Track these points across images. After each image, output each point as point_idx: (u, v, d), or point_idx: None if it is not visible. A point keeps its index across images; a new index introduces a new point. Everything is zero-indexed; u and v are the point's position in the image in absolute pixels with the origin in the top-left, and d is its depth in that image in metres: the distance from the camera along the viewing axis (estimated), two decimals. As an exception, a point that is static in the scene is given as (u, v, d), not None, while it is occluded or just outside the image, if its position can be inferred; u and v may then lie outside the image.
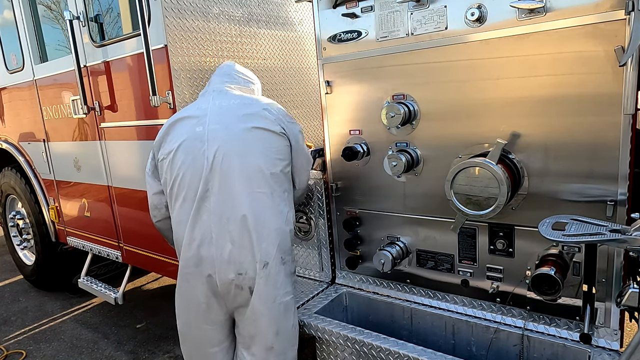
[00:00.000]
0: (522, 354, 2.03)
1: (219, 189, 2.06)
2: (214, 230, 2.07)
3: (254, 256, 2.06)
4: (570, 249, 1.87)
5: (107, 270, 4.48)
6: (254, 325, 2.14)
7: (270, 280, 2.09)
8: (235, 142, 2.09)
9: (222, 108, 2.18)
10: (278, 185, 2.14)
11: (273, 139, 2.14)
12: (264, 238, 2.06)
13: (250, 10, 3.15)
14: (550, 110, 1.82)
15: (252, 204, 2.06)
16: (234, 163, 2.06)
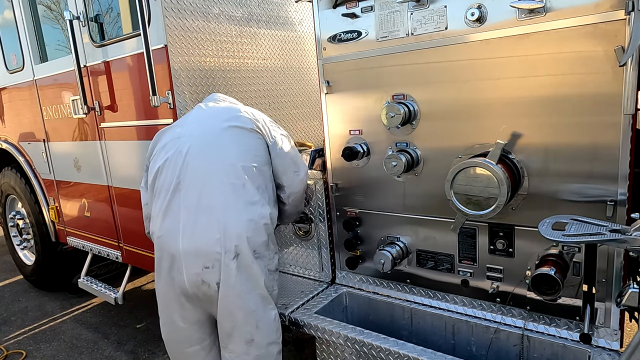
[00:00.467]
0: (522, 354, 2.03)
1: (190, 182, 2.12)
2: (182, 221, 2.09)
3: (223, 247, 2.04)
4: (570, 249, 1.87)
5: (107, 270, 4.49)
6: (230, 318, 2.12)
7: (242, 271, 2.07)
8: (208, 138, 2.21)
9: (202, 112, 2.36)
10: (251, 178, 2.14)
11: (246, 135, 2.23)
12: (233, 229, 2.05)
13: (250, 10, 3.15)
14: (550, 110, 1.82)
15: (222, 195, 2.09)
16: (207, 156, 2.15)
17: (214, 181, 2.11)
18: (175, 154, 2.20)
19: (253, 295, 2.12)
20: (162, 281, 2.22)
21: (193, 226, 2.08)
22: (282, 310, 2.47)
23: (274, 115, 3.38)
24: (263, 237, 2.14)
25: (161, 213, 2.17)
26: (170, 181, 2.16)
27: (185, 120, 2.38)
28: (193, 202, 2.10)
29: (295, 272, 2.95)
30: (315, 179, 2.64)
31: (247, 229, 2.08)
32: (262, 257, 2.15)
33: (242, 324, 2.12)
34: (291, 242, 2.92)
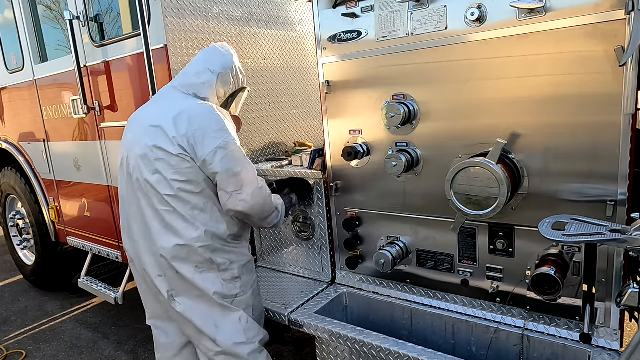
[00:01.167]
0: (522, 354, 2.03)
1: (130, 198, 2.18)
2: (136, 234, 2.20)
3: (165, 264, 2.13)
4: (570, 249, 1.87)
5: (107, 270, 4.48)
6: (192, 325, 2.20)
7: (187, 284, 2.14)
8: (138, 158, 2.11)
9: (142, 118, 2.23)
10: (180, 205, 2.07)
11: (171, 160, 2.04)
12: (166, 252, 2.11)
13: (250, 10, 3.15)
14: (550, 110, 1.82)
15: (153, 218, 2.11)
16: (138, 177, 2.12)
17: (145, 204, 2.11)
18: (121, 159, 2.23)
19: (204, 303, 2.16)
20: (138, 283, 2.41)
21: (144, 239, 2.18)
22: (282, 311, 2.47)
23: (274, 115, 3.39)
24: (202, 257, 2.12)
25: (123, 223, 2.29)
26: (122, 193, 2.25)
27: (134, 117, 2.28)
28: (139, 219, 2.17)
29: (295, 272, 2.95)
30: (315, 179, 2.64)
31: (180, 252, 2.09)
32: (207, 270, 2.14)
33: (202, 327, 2.17)
34: (291, 242, 2.92)
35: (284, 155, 3.37)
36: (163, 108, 2.15)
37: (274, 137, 3.42)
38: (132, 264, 2.34)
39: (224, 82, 2.26)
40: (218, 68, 2.23)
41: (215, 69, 2.22)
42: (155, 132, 2.07)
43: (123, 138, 2.27)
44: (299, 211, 2.80)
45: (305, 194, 2.69)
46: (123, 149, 2.23)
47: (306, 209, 2.76)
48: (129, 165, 2.15)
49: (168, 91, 2.26)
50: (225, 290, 2.18)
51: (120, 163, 2.24)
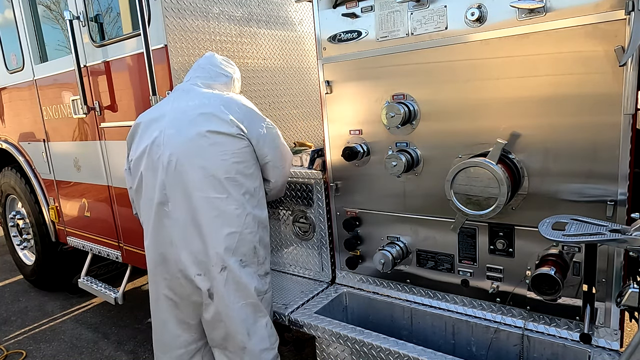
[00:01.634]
0: (522, 354, 2.03)
1: (174, 195, 2.13)
2: (173, 234, 2.15)
3: (210, 260, 2.11)
4: (570, 249, 1.87)
5: (107, 270, 4.49)
6: (223, 328, 2.19)
7: (230, 283, 2.13)
8: (188, 147, 2.11)
9: (179, 111, 2.20)
10: (235, 189, 2.13)
11: (228, 141, 2.12)
12: (218, 243, 2.11)
13: (250, 10, 3.15)
14: (550, 110, 1.82)
15: (205, 209, 2.10)
16: (188, 168, 2.10)
17: (197, 196, 2.10)
18: (156, 162, 2.15)
19: (243, 305, 2.17)
20: (155, 285, 2.29)
21: (184, 239, 2.14)
22: (282, 311, 2.47)
23: (274, 115, 3.39)
24: (249, 245, 2.17)
25: (152, 223, 2.21)
26: (155, 192, 2.16)
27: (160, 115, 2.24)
28: (181, 216, 2.13)
29: (295, 272, 2.95)
30: (315, 179, 2.64)
31: (231, 241, 2.12)
32: (250, 264, 2.19)
33: (234, 332, 2.18)
34: (291, 242, 2.92)
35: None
36: (203, 99, 2.22)
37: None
38: (160, 268, 2.23)
39: (235, 88, 2.49)
40: (233, 73, 2.46)
41: (230, 74, 2.44)
42: (206, 118, 2.13)
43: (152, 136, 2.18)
44: (299, 211, 2.80)
45: None
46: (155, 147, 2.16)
47: (306, 209, 2.76)
48: (170, 161, 2.11)
49: (192, 88, 2.30)
50: (259, 286, 2.22)
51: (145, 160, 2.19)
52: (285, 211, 2.87)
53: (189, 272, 2.14)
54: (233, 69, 2.47)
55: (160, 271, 2.24)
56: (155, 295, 2.32)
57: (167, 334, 2.32)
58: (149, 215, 2.21)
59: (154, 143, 2.18)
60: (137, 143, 2.28)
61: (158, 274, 2.26)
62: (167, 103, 2.28)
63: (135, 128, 2.33)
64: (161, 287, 2.26)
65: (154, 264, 2.27)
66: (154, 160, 2.17)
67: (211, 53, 2.47)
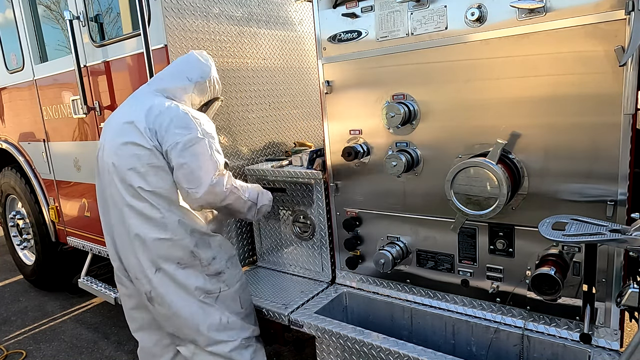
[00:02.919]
0: (522, 354, 2.03)
1: (111, 202, 2.19)
2: (116, 239, 2.23)
3: (141, 264, 2.15)
4: (570, 249, 1.87)
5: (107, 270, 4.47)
6: (170, 324, 2.26)
7: (168, 282, 2.16)
8: (113, 157, 2.15)
9: (115, 119, 2.26)
10: (159, 199, 2.11)
11: (144, 152, 2.08)
12: (145, 249, 2.13)
13: (250, 10, 3.15)
14: (550, 110, 1.82)
15: (135, 217, 2.12)
16: (115, 177, 2.14)
17: (126, 203, 2.13)
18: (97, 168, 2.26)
19: (187, 303, 2.19)
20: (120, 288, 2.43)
21: (120, 243, 2.22)
22: (282, 310, 2.47)
23: (274, 115, 3.39)
24: (181, 251, 2.16)
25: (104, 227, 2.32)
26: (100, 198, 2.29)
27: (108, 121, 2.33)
28: (116, 223, 2.20)
29: (295, 272, 2.95)
30: (315, 179, 2.64)
31: (160, 247, 2.13)
32: (190, 265, 2.18)
33: (182, 327, 2.23)
34: (291, 242, 2.92)
35: (284, 155, 3.37)
36: (135, 106, 2.20)
37: (274, 137, 3.42)
38: (116, 269, 2.36)
39: (201, 90, 2.31)
40: (196, 77, 2.27)
41: (193, 77, 2.27)
42: (128, 128, 2.12)
43: (100, 140, 2.29)
44: (299, 211, 2.80)
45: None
46: (99, 151, 2.25)
47: (306, 209, 2.76)
48: (105, 164, 2.18)
49: (143, 92, 2.30)
50: (208, 286, 2.21)
51: (98, 165, 2.26)
52: (285, 211, 2.87)
53: (132, 275, 2.24)
54: (198, 73, 2.28)
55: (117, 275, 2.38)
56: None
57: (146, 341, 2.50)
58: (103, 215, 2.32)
59: (100, 149, 2.27)
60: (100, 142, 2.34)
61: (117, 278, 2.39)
62: (119, 106, 2.37)
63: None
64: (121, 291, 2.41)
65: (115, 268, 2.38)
66: (97, 166, 2.26)
67: (192, 52, 2.35)
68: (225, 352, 2.25)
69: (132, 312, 2.45)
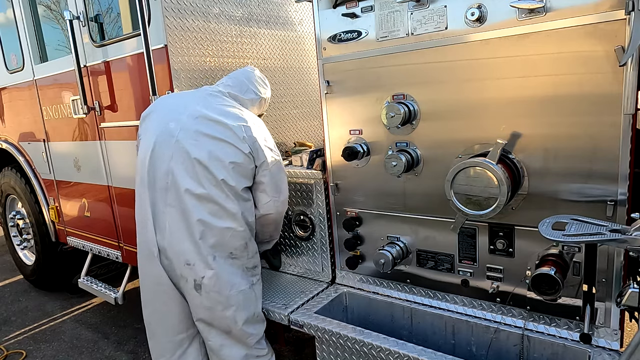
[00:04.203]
0: (522, 354, 2.03)
1: (174, 186, 2.25)
2: (168, 222, 2.27)
3: (200, 251, 2.23)
4: (570, 249, 1.87)
5: (107, 270, 4.48)
6: (209, 313, 2.31)
7: (219, 271, 2.26)
8: (191, 145, 2.24)
9: (198, 111, 2.31)
10: (232, 192, 2.27)
11: (240, 156, 2.27)
12: (210, 235, 2.24)
13: (250, 10, 3.15)
14: (550, 110, 1.82)
15: (201, 204, 2.23)
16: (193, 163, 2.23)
17: (196, 189, 2.23)
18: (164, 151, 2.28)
19: (231, 293, 2.30)
20: (146, 270, 2.42)
21: (177, 226, 2.26)
22: (282, 310, 2.47)
23: (274, 115, 3.39)
24: (239, 241, 2.32)
25: (149, 207, 2.32)
26: (157, 174, 2.29)
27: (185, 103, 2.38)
28: (177, 207, 2.26)
29: (295, 272, 2.95)
30: (315, 179, 2.64)
31: (223, 235, 2.26)
32: (239, 257, 2.33)
33: (220, 317, 2.31)
34: (291, 242, 2.92)
35: (284, 155, 3.37)
36: (219, 106, 2.35)
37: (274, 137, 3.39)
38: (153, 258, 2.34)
39: (260, 106, 2.61)
40: (263, 94, 2.59)
41: (260, 94, 2.56)
42: (221, 128, 2.27)
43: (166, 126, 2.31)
44: (298, 211, 2.80)
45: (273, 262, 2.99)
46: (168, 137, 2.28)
47: (306, 209, 2.76)
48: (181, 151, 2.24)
49: (217, 95, 2.42)
50: (245, 279, 2.35)
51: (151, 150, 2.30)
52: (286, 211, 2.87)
53: (179, 261, 2.28)
54: (265, 90, 2.60)
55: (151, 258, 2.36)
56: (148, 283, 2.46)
57: (164, 321, 2.43)
58: (146, 200, 2.32)
59: (168, 133, 2.29)
60: (151, 125, 2.39)
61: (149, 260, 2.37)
62: (191, 98, 2.41)
63: (152, 109, 2.46)
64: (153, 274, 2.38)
65: (143, 249, 2.41)
66: (164, 148, 2.28)
67: (253, 68, 2.60)
68: (251, 344, 2.38)
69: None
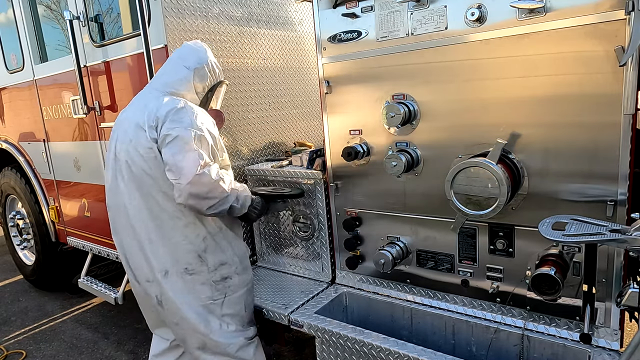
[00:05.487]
0: (522, 354, 2.03)
1: (127, 203, 2.18)
2: (124, 239, 2.26)
3: (152, 266, 2.18)
4: (570, 249, 1.87)
5: (107, 270, 4.48)
6: (177, 328, 2.28)
7: (176, 287, 2.18)
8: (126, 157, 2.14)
9: (125, 120, 2.23)
10: (170, 201, 2.11)
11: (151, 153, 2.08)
12: (158, 250, 2.16)
13: (250, 10, 3.15)
14: (550, 110, 1.82)
15: (149, 217, 2.15)
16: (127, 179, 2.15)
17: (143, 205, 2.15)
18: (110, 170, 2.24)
19: (193, 307, 2.21)
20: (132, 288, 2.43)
21: (131, 245, 2.23)
22: (282, 310, 2.47)
23: (274, 115, 3.39)
24: (190, 255, 2.17)
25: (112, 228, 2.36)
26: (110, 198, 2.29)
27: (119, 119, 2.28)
28: (129, 223, 2.20)
29: (295, 272, 2.95)
30: (315, 179, 2.64)
31: (172, 251, 2.16)
32: (197, 272, 2.19)
33: (190, 331, 2.24)
34: (291, 242, 2.92)
35: (284, 155, 3.37)
36: (137, 107, 2.22)
37: (274, 137, 3.42)
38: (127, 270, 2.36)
39: (201, 76, 2.25)
40: (193, 64, 2.23)
41: (190, 65, 2.22)
42: (136, 129, 2.12)
43: (110, 141, 2.27)
44: (298, 211, 2.80)
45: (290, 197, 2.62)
46: (109, 152, 2.25)
47: (306, 209, 2.76)
48: (118, 165, 2.18)
49: (147, 91, 2.29)
50: (211, 294, 2.23)
51: (109, 166, 2.26)
52: (285, 211, 2.87)
53: (142, 278, 2.25)
54: (195, 58, 2.24)
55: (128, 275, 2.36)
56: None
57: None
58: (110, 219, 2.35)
59: (109, 150, 2.26)
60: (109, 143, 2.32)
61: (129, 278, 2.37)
62: (129, 105, 2.31)
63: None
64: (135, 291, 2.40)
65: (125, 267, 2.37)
66: (111, 166, 2.24)
67: (186, 43, 2.32)
68: (232, 353, 2.28)
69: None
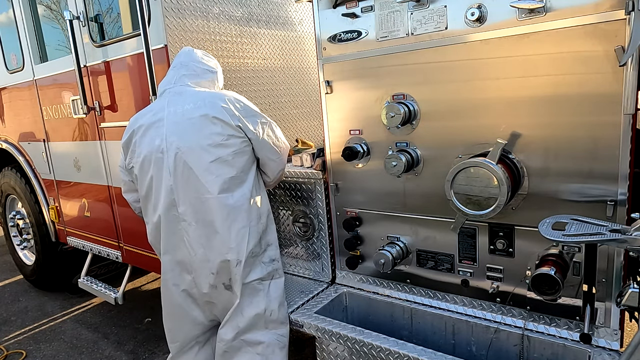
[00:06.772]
0: (522, 354, 2.03)
1: (184, 198, 2.19)
2: (186, 235, 2.22)
3: (225, 256, 2.20)
4: (570, 249, 1.87)
5: (107, 270, 4.49)
6: (240, 315, 2.27)
7: (245, 273, 2.22)
8: (193, 152, 2.16)
9: (178, 115, 2.22)
10: (239, 186, 2.22)
11: (230, 142, 2.18)
12: (231, 239, 2.19)
13: (250, 10, 3.15)
14: (550, 110, 1.82)
15: (216, 207, 2.17)
16: (195, 172, 2.16)
17: (208, 196, 2.17)
18: (161, 169, 2.20)
19: (255, 291, 2.27)
20: (168, 288, 2.37)
21: (197, 239, 2.21)
22: (282, 310, 2.47)
23: (274, 115, 3.39)
24: (256, 237, 2.27)
25: (163, 228, 2.27)
26: (163, 197, 2.22)
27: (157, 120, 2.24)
28: (192, 217, 2.20)
29: (295, 272, 2.95)
30: (315, 179, 2.64)
31: (244, 235, 2.21)
32: (257, 254, 2.29)
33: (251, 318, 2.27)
34: (291, 242, 2.92)
35: (284, 155, 3.36)
36: (198, 100, 2.22)
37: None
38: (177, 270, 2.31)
39: (220, 78, 2.47)
40: (214, 67, 2.43)
41: (213, 68, 2.42)
42: (206, 120, 2.17)
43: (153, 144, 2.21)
44: (298, 211, 2.80)
45: None
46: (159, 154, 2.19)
47: (306, 209, 2.76)
48: (177, 166, 2.17)
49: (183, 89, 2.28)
50: (264, 273, 2.30)
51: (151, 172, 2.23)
52: (285, 211, 2.87)
53: (205, 271, 2.23)
54: (215, 63, 2.44)
55: (172, 276, 2.32)
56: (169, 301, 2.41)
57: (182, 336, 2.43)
58: (159, 221, 2.28)
59: (157, 150, 2.21)
60: (137, 148, 2.29)
61: (170, 279, 2.34)
62: (161, 108, 2.26)
63: (132, 133, 2.32)
64: (174, 292, 2.35)
65: (166, 269, 2.34)
66: (160, 167, 2.21)
67: (189, 48, 2.41)
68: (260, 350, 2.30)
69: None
